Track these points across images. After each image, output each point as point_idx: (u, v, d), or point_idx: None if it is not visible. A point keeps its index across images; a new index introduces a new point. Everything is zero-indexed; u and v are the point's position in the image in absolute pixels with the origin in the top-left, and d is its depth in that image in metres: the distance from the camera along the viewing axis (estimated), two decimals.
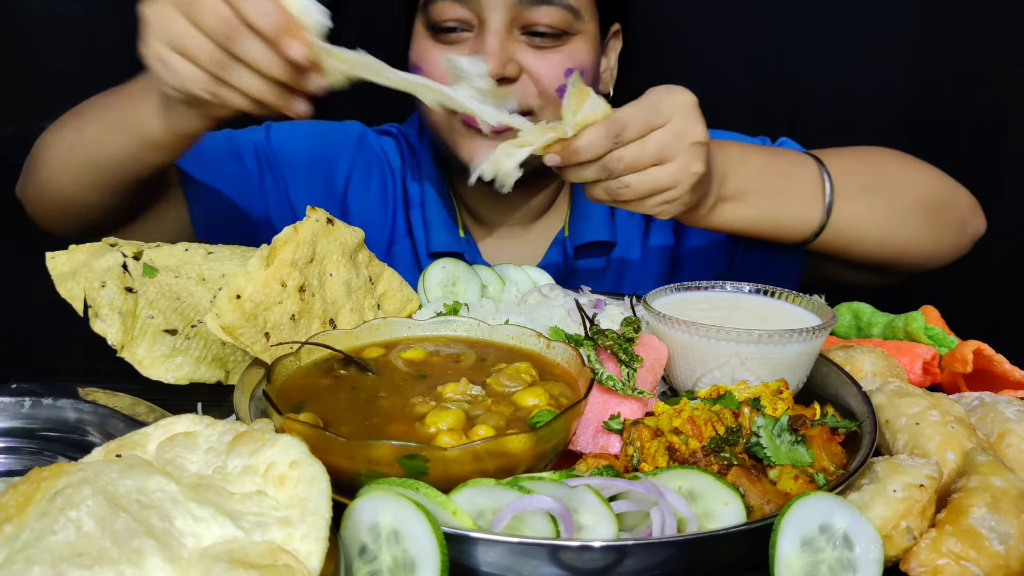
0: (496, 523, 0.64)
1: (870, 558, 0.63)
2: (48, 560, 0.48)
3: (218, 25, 0.86)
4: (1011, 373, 1.04)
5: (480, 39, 1.29)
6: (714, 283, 1.09)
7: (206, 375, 0.99)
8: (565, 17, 1.30)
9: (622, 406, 0.85)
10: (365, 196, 1.52)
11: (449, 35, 1.31)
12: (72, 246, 1.00)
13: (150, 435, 0.66)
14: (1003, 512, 0.68)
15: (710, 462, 0.76)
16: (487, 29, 1.27)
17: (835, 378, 0.97)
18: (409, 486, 0.66)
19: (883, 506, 0.69)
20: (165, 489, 0.55)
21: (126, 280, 0.97)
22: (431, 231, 1.49)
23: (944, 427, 0.82)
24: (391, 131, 1.61)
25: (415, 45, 1.37)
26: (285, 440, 0.60)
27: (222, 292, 0.87)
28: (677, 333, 0.94)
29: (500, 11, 1.27)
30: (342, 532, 0.62)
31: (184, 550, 0.52)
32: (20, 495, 0.55)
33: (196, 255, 1.04)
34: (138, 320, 0.97)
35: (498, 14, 1.27)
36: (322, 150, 1.52)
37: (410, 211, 1.53)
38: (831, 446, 0.79)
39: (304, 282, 0.93)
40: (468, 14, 1.29)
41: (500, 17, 1.27)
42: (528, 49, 1.31)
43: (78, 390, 0.94)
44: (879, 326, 1.24)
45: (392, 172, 1.56)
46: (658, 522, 0.66)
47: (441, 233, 1.48)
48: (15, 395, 0.97)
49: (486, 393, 0.83)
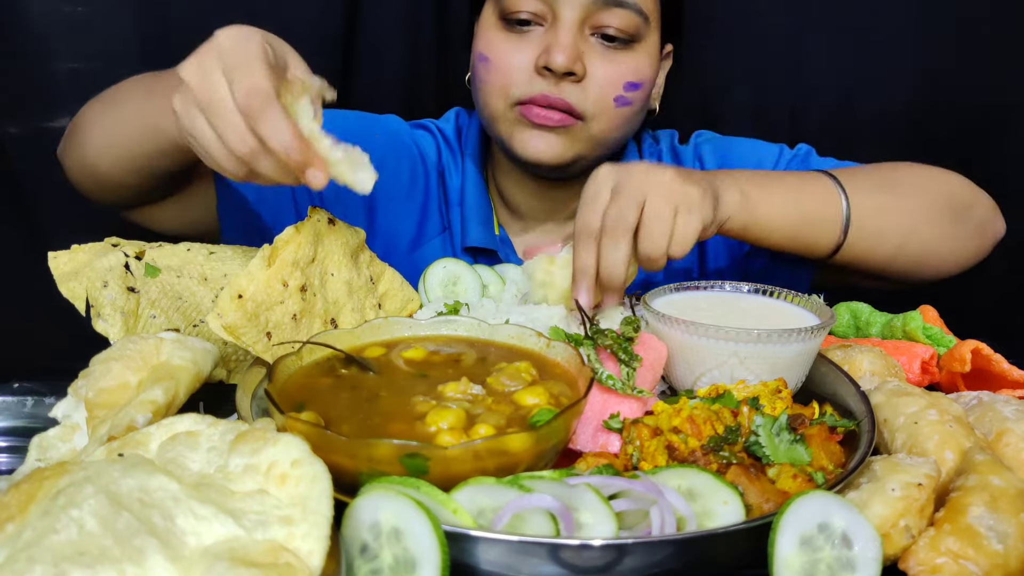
0: (496, 522, 0.65)
1: (869, 557, 0.63)
2: (50, 559, 0.48)
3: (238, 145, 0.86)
4: (1009, 372, 1.04)
5: (552, 33, 1.30)
6: (713, 283, 1.09)
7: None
8: (635, 22, 1.32)
9: (622, 405, 0.85)
10: (395, 190, 1.51)
11: (521, 27, 1.33)
12: (74, 246, 1.00)
13: (152, 434, 0.66)
14: (1001, 511, 0.69)
15: (709, 461, 0.76)
16: (560, 23, 1.29)
17: (834, 377, 0.97)
18: (410, 485, 0.66)
19: (882, 505, 0.69)
20: (167, 488, 0.55)
21: (128, 280, 0.98)
22: (467, 227, 1.50)
23: (942, 426, 0.82)
24: (427, 126, 1.60)
25: (484, 35, 1.38)
26: (287, 439, 0.60)
27: (224, 292, 0.87)
28: (676, 332, 0.94)
29: (575, 7, 1.29)
30: (343, 530, 0.63)
31: (186, 549, 0.52)
32: (22, 494, 0.55)
33: (198, 255, 1.05)
34: (140, 320, 0.97)
35: (572, 10, 1.29)
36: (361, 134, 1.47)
37: (448, 208, 1.54)
38: (830, 445, 0.79)
39: (306, 282, 0.94)
40: (542, 7, 1.31)
41: (574, 13, 1.29)
42: (595, 51, 1.33)
43: None
44: (877, 326, 1.25)
45: (426, 168, 1.55)
46: (657, 521, 0.66)
47: (477, 229, 1.49)
48: (17, 394, 0.98)
49: (486, 392, 0.83)
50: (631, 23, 1.32)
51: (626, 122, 1.41)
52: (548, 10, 1.30)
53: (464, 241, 1.50)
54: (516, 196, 1.53)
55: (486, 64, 1.37)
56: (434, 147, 1.57)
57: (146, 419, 0.73)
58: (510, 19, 1.33)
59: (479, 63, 1.39)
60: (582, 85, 1.32)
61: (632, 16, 1.31)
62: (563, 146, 1.36)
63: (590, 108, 1.33)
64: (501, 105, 1.36)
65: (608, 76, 1.33)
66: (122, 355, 0.84)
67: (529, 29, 1.33)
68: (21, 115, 1.82)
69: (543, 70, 1.30)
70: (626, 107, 1.37)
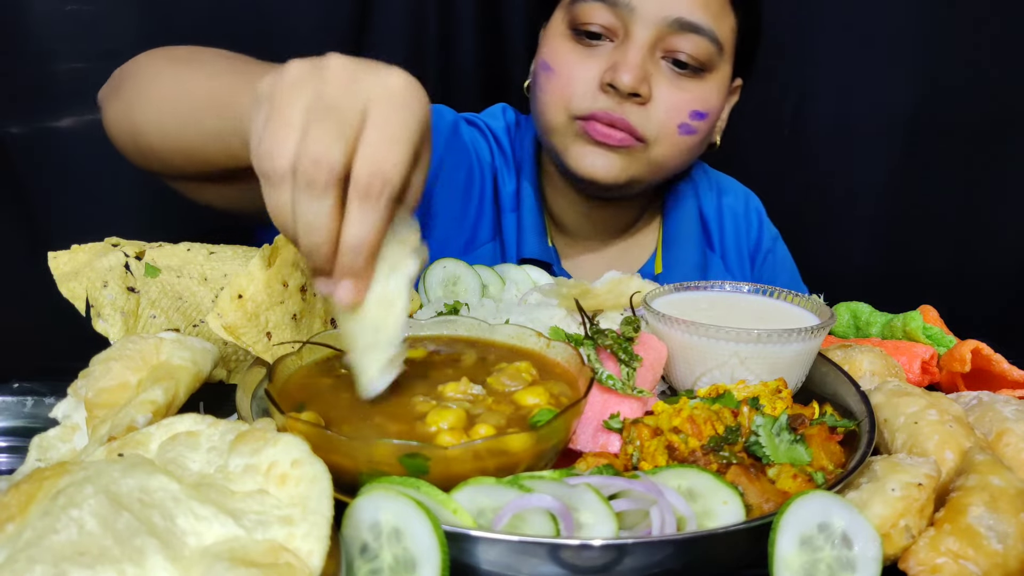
0: (497, 522, 0.65)
1: (869, 556, 0.63)
2: (50, 559, 0.48)
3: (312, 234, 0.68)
4: (1009, 372, 1.04)
5: (621, 50, 1.26)
6: (713, 283, 1.10)
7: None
8: (709, 50, 1.28)
9: (622, 405, 0.85)
10: (452, 191, 1.45)
11: (591, 41, 1.29)
12: (74, 246, 1.00)
13: (152, 434, 0.66)
14: (1001, 511, 0.69)
15: (709, 461, 0.76)
16: (631, 41, 1.25)
17: (834, 377, 0.97)
18: (410, 485, 0.66)
19: (882, 505, 0.69)
20: (167, 488, 0.55)
21: (128, 280, 0.98)
22: (524, 235, 1.45)
23: (942, 426, 0.82)
24: (476, 123, 1.53)
25: (550, 43, 1.34)
26: (287, 439, 0.60)
27: (224, 292, 0.87)
28: (676, 333, 0.94)
29: (649, 27, 1.25)
30: (343, 530, 0.63)
31: (186, 549, 0.52)
32: (22, 494, 0.55)
33: (198, 255, 1.05)
34: (140, 319, 0.97)
35: (646, 29, 1.25)
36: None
37: (502, 214, 1.48)
38: (830, 445, 0.79)
39: (306, 282, 0.94)
40: (615, 22, 1.26)
41: (647, 33, 1.25)
42: (663, 75, 1.28)
43: None
44: (877, 325, 1.25)
45: (482, 169, 1.49)
46: (657, 521, 0.66)
47: (533, 240, 1.44)
48: (17, 395, 0.98)
49: (487, 392, 0.83)
50: (704, 51, 1.27)
51: (687, 150, 1.37)
52: (620, 26, 1.26)
53: (520, 252, 1.44)
54: (564, 210, 1.49)
55: (549, 74, 1.32)
56: (486, 147, 1.51)
57: (146, 419, 0.73)
58: (580, 30, 1.29)
59: (541, 71, 1.34)
60: (646, 108, 1.28)
61: (707, 44, 1.27)
62: (620, 166, 1.31)
63: (652, 132, 1.29)
64: (561, 117, 1.32)
65: (674, 102, 1.29)
66: (121, 355, 0.84)
67: (599, 43, 1.28)
68: (22, 115, 1.82)
69: (607, 87, 1.26)
70: (689, 135, 1.33)
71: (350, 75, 0.67)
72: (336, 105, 0.65)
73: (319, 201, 0.65)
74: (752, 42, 1.39)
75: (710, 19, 1.27)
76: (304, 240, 0.68)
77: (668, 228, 1.55)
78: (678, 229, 1.54)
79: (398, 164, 0.66)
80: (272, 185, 0.67)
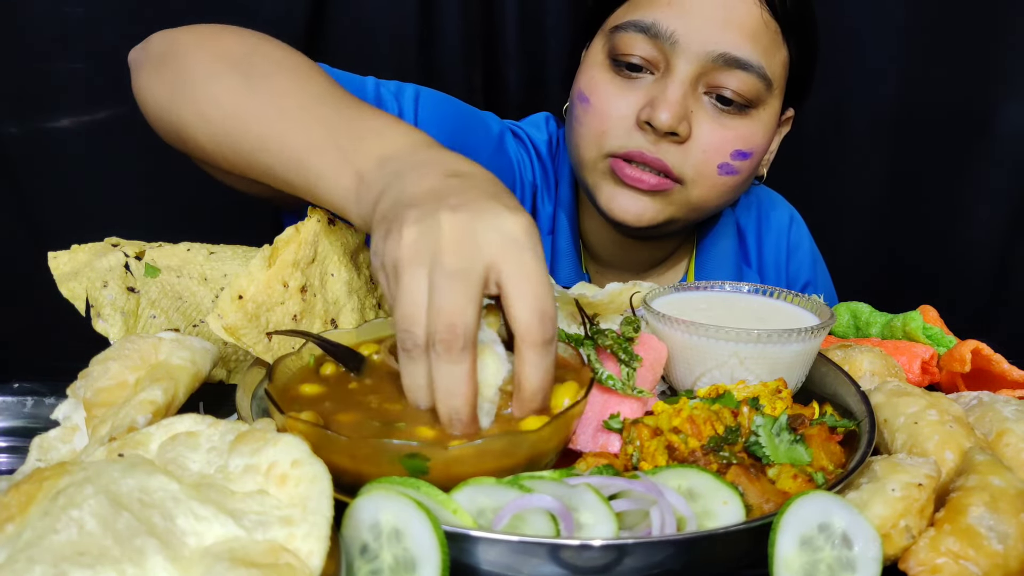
0: (496, 522, 0.65)
1: (869, 557, 0.63)
2: (50, 559, 0.48)
3: (419, 394, 0.73)
4: (1009, 373, 1.04)
5: (661, 85, 1.19)
6: (713, 283, 1.09)
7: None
8: (756, 87, 1.19)
9: (622, 405, 0.85)
10: None
11: (630, 72, 1.21)
12: (74, 246, 1.00)
13: (152, 434, 0.66)
14: (1001, 511, 0.69)
15: (709, 461, 0.76)
16: (672, 76, 1.18)
17: (834, 377, 0.97)
18: (410, 485, 0.66)
19: (882, 505, 0.69)
20: (167, 488, 0.55)
21: (128, 280, 0.98)
22: (558, 260, 1.40)
23: (943, 426, 0.82)
24: (521, 136, 1.45)
25: (588, 72, 1.27)
26: (287, 439, 0.60)
27: (224, 292, 0.87)
28: (676, 333, 0.94)
29: (692, 62, 1.17)
30: (343, 531, 0.63)
31: (186, 549, 0.52)
32: (22, 494, 0.55)
33: (198, 255, 1.05)
34: (140, 320, 0.97)
35: (688, 63, 1.17)
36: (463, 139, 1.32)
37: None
38: (830, 445, 0.79)
39: (306, 282, 0.94)
40: (656, 55, 1.19)
41: (689, 67, 1.17)
42: (705, 112, 1.20)
43: None
44: (877, 326, 1.25)
45: (523, 187, 1.41)
46: (658, 521, 0.66)
47: (567, 266, 1.39)
48: (17, 395, 0.98)
49: None
50: (751, 88, 1.19)
51: (728, 191, 1.28)
52: (662, 59, 1.19)
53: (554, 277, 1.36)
54: (597, 242, 1.44)
55: (585, 106, 1.26)
56: (529, 165, 1.43)
57: (146, 419, 0.73)
58: (619, 61, 1.21)
59: (578, 102, 1.28)
60: (684, 147, 1.20)
61: (754, 81, 1.18)
62: (655, 210, 1.24)
63: (689, 173, 1.22)
64: (593, 153, 1.25)
65: (714, 142, 1.20)
66: (120, 355, 0.84)
67: (639, 76, 1.21)
68: (21, 115, 1.82)
69: (644, 124, 1.19)
70: (731, 176, 1.24)
71: (465, 232, 0.69)
72: (460, 268, 0.67)
73: (458, 365, 0.68)
74: (807, 69, 1.30)
75: (759, 54, 1.19)
76: (444, 406, 0.70)
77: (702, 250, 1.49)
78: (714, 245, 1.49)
79: (550, 298, 0.69)
80: (412, 359, 0.70)
